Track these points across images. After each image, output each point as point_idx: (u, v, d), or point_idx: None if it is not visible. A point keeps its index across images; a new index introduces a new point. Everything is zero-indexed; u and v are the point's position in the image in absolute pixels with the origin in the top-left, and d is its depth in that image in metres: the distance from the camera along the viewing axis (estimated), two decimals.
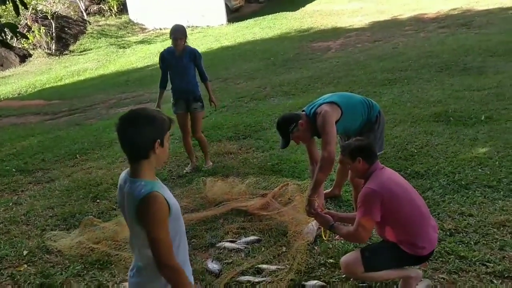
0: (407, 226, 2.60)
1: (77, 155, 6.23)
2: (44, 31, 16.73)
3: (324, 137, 3.31)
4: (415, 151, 4.80)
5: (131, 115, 1.86)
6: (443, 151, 4.71)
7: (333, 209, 3.80)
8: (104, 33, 18.57)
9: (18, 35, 3.06)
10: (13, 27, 2.88)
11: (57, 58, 16.79)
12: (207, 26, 18.00)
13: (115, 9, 20.05)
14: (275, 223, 3.75)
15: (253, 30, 16.12)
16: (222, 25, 17.88)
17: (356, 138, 2.93)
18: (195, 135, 5.15)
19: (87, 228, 3.90)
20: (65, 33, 17.95)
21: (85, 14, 19.94)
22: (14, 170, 5.83)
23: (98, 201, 4.63)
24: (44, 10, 17.40)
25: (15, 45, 16.68)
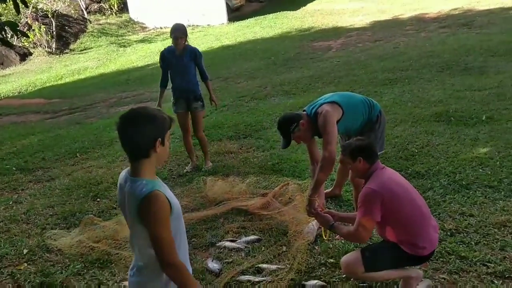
0: (407, 226, 2.60)
1: (78, 154, 6.22)
2: (44, 29, 16.72)
3: (325, 137, 3.31)
4: (416, 151, 4.80)
5: (131, 114, 1.86)
6: (444, 151, 4.70)
7: (333, 208, 3.79)
8: (104, 32, 18.56)
9: (18, 34, 3.04)
10: (13, 26, 2.86)
11: (57, 56, 16.78)
12: (208, 25, 18.00)
13: (115, 7, 20.03)
14: (275, 223, 3.75)
15: (254, 29, 16.11)
16: (222, 24, 17.88)
17: (356, 137, 2.93)
18: (197, 135, 5.14)
19: (87, 227, 3.89)
20: (65, 32, 17.94)
21: (85, 12, 19.92)
22: (14, 168, 5.82)
23: (98, 200, 4.63)
24: (44, 8, 17.40)
25: (15, 43, 16.69)
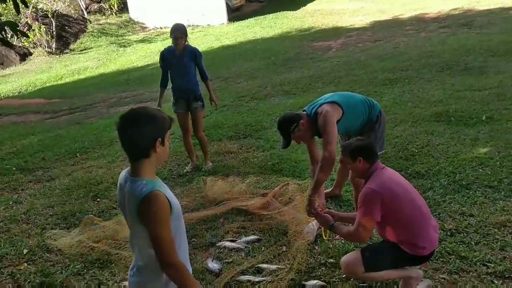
0: (407, 226, 2.60)
1: (78, 154, 6.22)
2: (44, 29, 16.71)
3: (325, 137, 3.31)
4: (416, 151, 4.80)
5: (131, 114, 1.86)
6: (444, 151, 4.70)
7: (333, 208, 3.79)
8: (104, 32, 18.56)
9: (18, 34, 3.04)
10: (13, 26, 2.86)
11: (57, 56, 16.78)
12: (208, 25, 18.00)
13: (115, 7, 20.03)
14: (275, 223, 3.75)
15: (253, 29, 16.11)
16: (222, 24, 17.88)
17: (356, 137, 2.93)
18: (197, 135, 5.14)
19: (87, 227, 3.89)
20: (65, 32, 17.94)
21: (85, 12, 19.92)
22: (14, 168, 5.82)
23: (98, 200, 4.63)
24: (44, 8, 17.40)
25: (15, 43, 16.68)
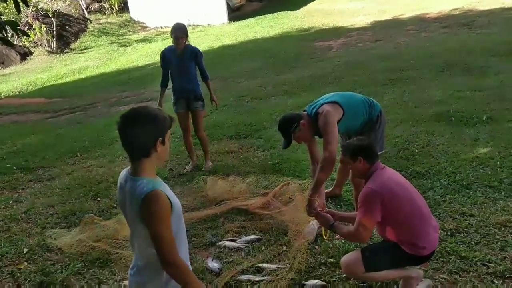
0: (407, 226, 2.59)
1: (78, 153, 6.22)
2: (45, 29, 16.71)
3: (325, 137, 3.31)
4: (416, 151, 4.80)
5: (132, 113, 1.86)
6: (444, 151, 4.70)
7: (333, 208, 3.78)
8: (105, 31, 18.56)
9: (19, 33, 3.07)
10: (14, 25, 2.86)
11: (58, 56, 16.77)
12: (208, 24, 17.99)
13: (116, 7, 20.03)
14: (275, 222, 3.75)
15: (254, 29, 16.10)
16: (223, 24, 17.87)
17: (357, 137, 2.93)
18: (198, 134, 5.14)
19: (88, 226, 3.89)
20: (66, 31, 17.93)
21: (86, 12, 19.92)
22: (14, 167, 5.82)
23: (98, 199, 4.63)
24: (45, 8, 17.40)
25: (16, 43, 16.69)
